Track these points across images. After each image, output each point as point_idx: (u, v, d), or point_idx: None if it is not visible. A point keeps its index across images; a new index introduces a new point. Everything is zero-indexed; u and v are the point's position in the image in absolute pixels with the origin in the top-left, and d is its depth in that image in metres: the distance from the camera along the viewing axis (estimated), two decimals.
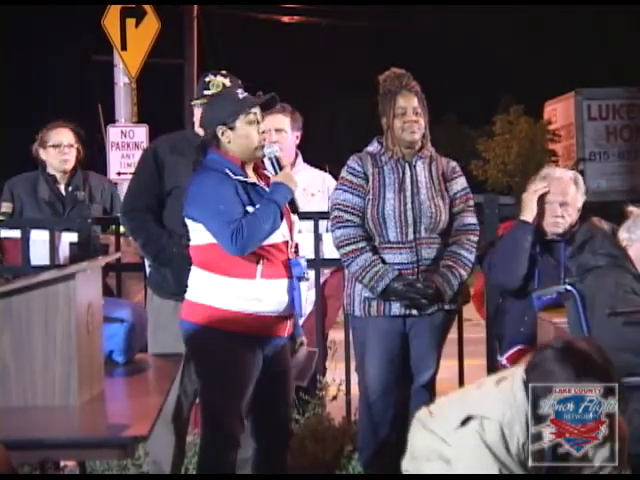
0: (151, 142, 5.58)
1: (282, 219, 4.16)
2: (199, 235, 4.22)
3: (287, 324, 4.28)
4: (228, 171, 4.16)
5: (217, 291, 4.17)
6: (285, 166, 4.36)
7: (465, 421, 3.23)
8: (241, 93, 4.28)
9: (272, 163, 4.30)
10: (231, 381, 4.19)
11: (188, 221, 4.25)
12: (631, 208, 4.78)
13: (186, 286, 4.40)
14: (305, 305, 4.51)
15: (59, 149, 6.21)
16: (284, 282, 4.19)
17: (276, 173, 4.30)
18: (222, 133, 4.23)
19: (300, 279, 4.24)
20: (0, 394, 3.32)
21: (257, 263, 4.14)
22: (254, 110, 4.23)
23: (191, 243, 4.29)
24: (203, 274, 4.22)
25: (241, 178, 4.19)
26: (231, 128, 4.22)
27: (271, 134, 5.60)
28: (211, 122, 4.27)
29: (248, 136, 4.22)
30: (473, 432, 3.21)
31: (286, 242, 4.24)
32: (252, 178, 4.26)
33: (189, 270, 4.37)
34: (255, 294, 4.15)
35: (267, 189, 4.24)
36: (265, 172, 4.40)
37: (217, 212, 4.11)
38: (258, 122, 4.24)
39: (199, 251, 4.25)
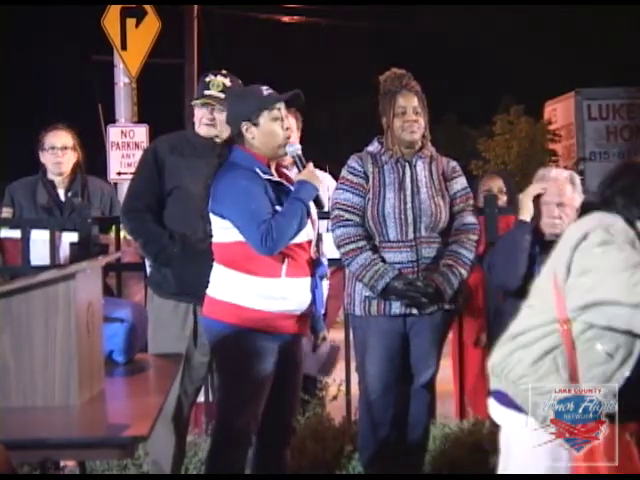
0: (151, 142, 5.57)
1: (308, 218, 4.18)
2: (225, 232, 4.20)
3: (306, 322, 4.32)
4: (258, 170, 4.16)
5: (242, 290, 4.17)
6: (308, 164, 4.34)
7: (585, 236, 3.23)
8: (266, 90, 4.28)
9: (295, 161, 4.31)
10: (253, 380, 4.19)
11: (215, 218, 4.22)
12: None
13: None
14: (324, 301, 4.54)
15: (52, 152, 6.18)
16: (307, 281, 4.21)
17: (299, 171, 4.30)
18: (246, 129, 4.22)
19: (322, 278, 4.28)
20: (0, 394, 3.32)
21: (282, 262, 4.14)
22: (278, 106, 4.23)
23: (215, 240, 4.27)
24: (227, 272, 4.21)
25: (270, 177, 4.19)
26: (255, 124, 4.21)
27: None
28: (236, 118, 4.26)
29: (272, 133, 4.21)
30: (600, 238, 3.20)
31: (309, 241, 4.25)
32: (277, 177, 4.27)
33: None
34: (281, 293, 4.15)
35: (292, 188, 4.25)
36: (284, 170, 4.40)
37: (247, 211, 4.10)
38: (282, 119, 4.24)
39: (224, 249, 4.23)
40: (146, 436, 3.07)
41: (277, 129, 4.22)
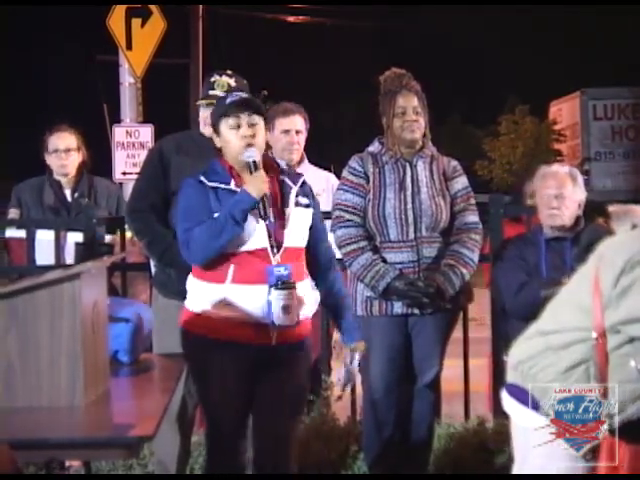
0: (156, 142, 5.57)
1: (241, 228, 3.95)
2: None
3: (271, 332, 4.02)
4: (202, 177, 4.05)
5: (193, 294, 4.11)
6: (257, 171, 4.04)
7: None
8: (230, 97, 4.15)
9: (249, 167, 4.05)
10: (208, 386, 4.11)
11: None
12: (611, 208, 4.77)
13: None
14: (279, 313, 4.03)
15: (56, 154, 6.16)
16: (258, 289, 3.98)
17: None
18: (215, 138, 4.16)
19: (273, 287, 3.97)
20: (6, 394, 3.33)
21: (228, 268, 3.99)
22: (236, 114, 4.07)
23: None
24: (189, 278, 4.17)
25: (216, 185, 4.05)
26: (218, 133, 4.13)
27: (292, 136, 5.64)
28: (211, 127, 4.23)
29: (229, 141, 4.08)
30: None
31: (264, 249, 4.00)
32: (233, 185, 4.07)
33: None
34: (225, 299, 4.00)
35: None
36: (283, 178, 4.16)
37: (178, 222, 4.07)
38: (239, 126, 4.06)
39: None
40: (151, 436, 3.07)
41: (232, 137, 4.07)
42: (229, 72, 4.90)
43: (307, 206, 4.15)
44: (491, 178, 26.02)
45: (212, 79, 4.85)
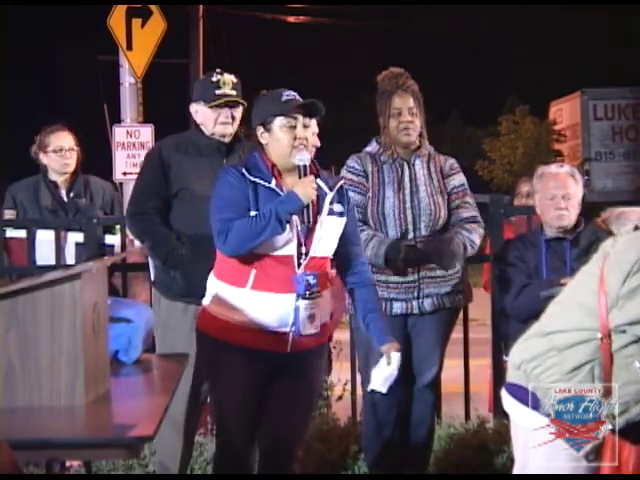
0: (156, 143, 5.56)
1: (282, 229, 3.90)
2: None
3: (287, 340, 3.99)
4: (244, 171, 4.00)
5: (211, 294, 4.09)
6: (307, 177, 3.98)
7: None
8: (286, 95, 4.06)
9: (299, 171, 4.00)
10: (218, 389, 4.13)
11: None
12: (604, 215, 4.76)
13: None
14: (305, 322, 3.99)
15: (60, 154, 6.12)
16: (278, 297, 3.93)
17: None
18: (260, 133, 4.07)
19: (300, 297, 3.94)
20: (6, 394, 3.32)
21: (249, 273, 3.95)
22: (293, 114, 4.00)
23: None
24: (210, 276, 4.14)
25: (258, 180, 4.00)
26: (268, 130, 4.05)
27: (315, 138, 5.63)
28: (253, 121, 4.12)
29: (280, 140, 4.00)
30: None
31: (290, 256, 3.94)
32: (286, 184, 4.02)
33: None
34: (242, 304, 3.97)
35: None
36: (319, 182, 4.05)
37: (216, 209, 4.00)
38: (295, 127, 4.00)
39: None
40: (152, 436, 3.07)
41: (286, 137, 4.00)
42: (219, 70, 4.89)
43: (341, 214, 4.07)
44: (491, 178, 26.01)
45: (214, 79, 4.83)
